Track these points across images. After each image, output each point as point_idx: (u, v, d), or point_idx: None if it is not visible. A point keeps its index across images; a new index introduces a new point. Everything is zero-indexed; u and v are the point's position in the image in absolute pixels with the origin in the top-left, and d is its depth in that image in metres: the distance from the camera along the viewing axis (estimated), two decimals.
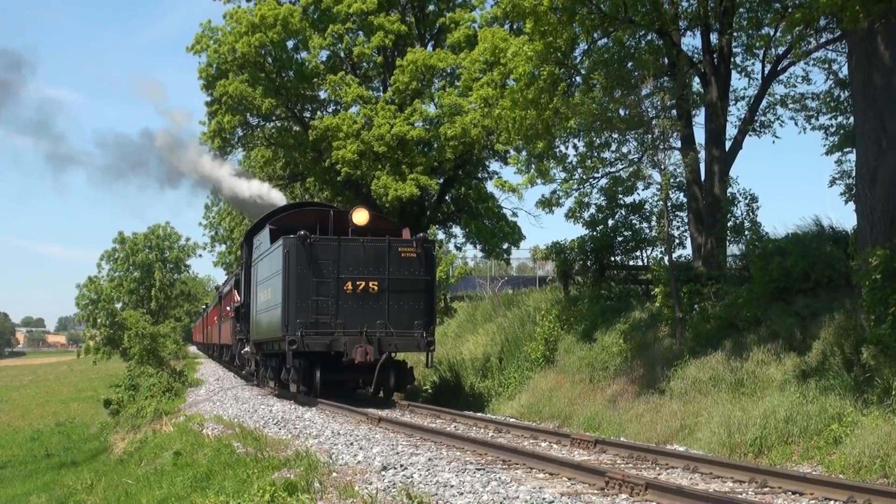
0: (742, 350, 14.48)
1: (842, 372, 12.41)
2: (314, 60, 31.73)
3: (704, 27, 18.56)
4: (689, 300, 16.77)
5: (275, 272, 20.04)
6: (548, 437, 13.85)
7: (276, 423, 16.47)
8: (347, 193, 32.96)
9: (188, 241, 79.60)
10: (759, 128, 20.50)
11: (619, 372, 17.34)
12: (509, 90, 19.26)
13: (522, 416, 18.08)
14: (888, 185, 12.86)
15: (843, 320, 13.20)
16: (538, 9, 16.50)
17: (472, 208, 34.08)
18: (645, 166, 18.60)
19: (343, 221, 20.36)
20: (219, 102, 32.18)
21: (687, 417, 13.96)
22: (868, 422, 11.01)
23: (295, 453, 11.61)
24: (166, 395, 27.05)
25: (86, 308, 77.52)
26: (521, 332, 22.59)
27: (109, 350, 70.44)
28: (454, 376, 23.42)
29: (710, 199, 18.61)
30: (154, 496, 13.64)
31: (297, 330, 18.83)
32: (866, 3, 11.47)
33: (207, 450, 14.66)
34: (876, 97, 13.02)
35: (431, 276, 20.05)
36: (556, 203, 21.17)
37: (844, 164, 19.63)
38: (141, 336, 35.59)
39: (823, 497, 8.91)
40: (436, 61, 29.89)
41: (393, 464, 10.68)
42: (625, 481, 9.03)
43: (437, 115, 30.35)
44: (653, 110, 17.43)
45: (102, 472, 21.65)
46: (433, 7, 33.11)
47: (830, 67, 19.52)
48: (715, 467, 10.51)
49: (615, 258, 21.22)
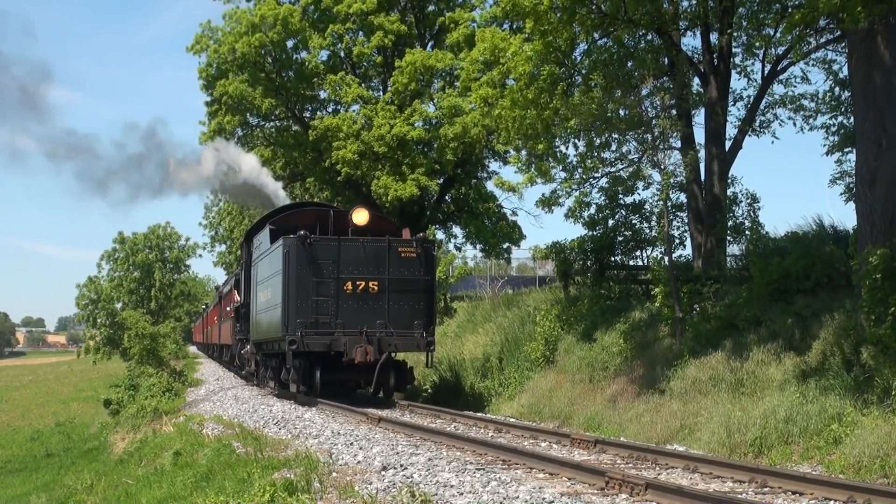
0: (742, 350, 14.47)
1: (842, 372, 12.40)
2: (314, 60, 31.75)
3: (704, 27, 18.55)
4: (689, 300, 16.76)
5: (275, 272, 20.04)
6: (548, 437, 13.85)
7: (276, 423, 16.47)
8: (347, 193, 32.97)
9: (188, 241, 79.75)
10: (759, 128, 20.49)
11: (619, 372, 17.34)
12: (509, 90, 19.27)
13: (522, 416, 18.08)
14: (888, 185, 12.86)
15: (843, 320, 13.20)
16: (538, 8, 16.51)
17: (472, 208, 34.09)
18: (645, 166, 18.62)
19: (343, 221, 20.36)
20: (219, 102, 32.22)
21: (687, 417, 13.96)
22: (868, 422, 11.01)
23: (295, 453, 11.61)
24: (166, 395, 27.06)
25: (86, 308, 77.52)
26: (521, 332, 22.58)
27: (109, 350, 70.42)
28: (454, 376, 23.42)
29: (710, 198, 18.61)
30: (154, 496, 13.63)
31: (297, 330, 18.83)
32: (867, 4, 11.47)
33: (207, 450, 14.65)
34: (876, 97, 13.02)
35: (431, 276, 20.05)
36: (555, 203, 21.16)
37: (844, 164, 19.63)
38: (141, 336, 35.62)
39: (823, 497, 8.91)
40: (435, 62, 29.90)
41: (393, 464, 10.68)
42: (625, 481, 9.03)
43: (437, 116, 30.36)
44: (653, 110, 17.43)
45: (102, 472, 21.63)
46: (433, 7, 33.13)
47: (830, 67, 19.51)
48: (715, 467, 10.51)
49: (615, 258, 21.22)
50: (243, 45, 30.53)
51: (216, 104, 32.59)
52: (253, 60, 30.94)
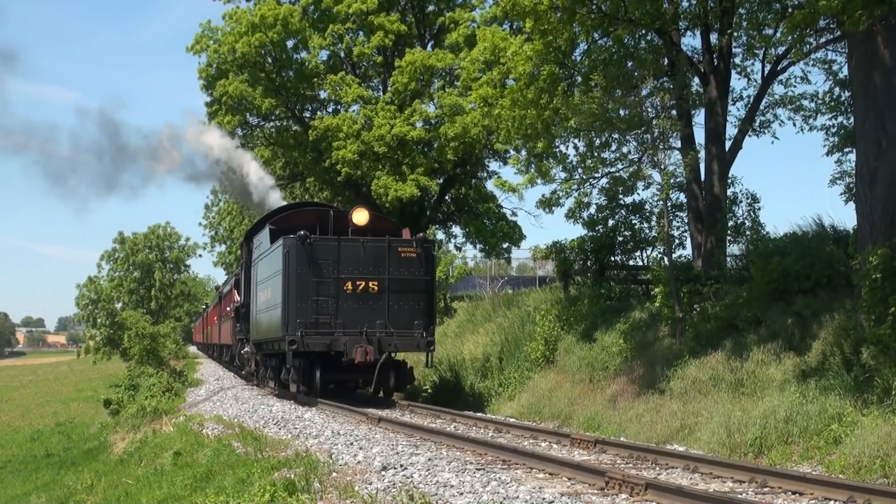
0: (742, 350, 14.47)
1: (842, 372, 12.40)
2: (314, 60, 31.75)
3: (704, 27, 18.56)
4: (689, 300, 16.76)
5: (275, 272, 20.04)
6: (548, 437, 13.85)
7: (276, 423, 16.47)
8: (347, 193, 32.96)
9: (188, 241, 79.77)
10: (759, 128, 20.50)
11: (619, 372, 17.34)
12: (509, 90, 19.28)
13: (522, 416, 18.08)
14: (888, 185, 12.86)
15: (843, 320, 13.20)
16: (538, 8, 16.51)
17: (472, 208, 34.08)
18: (645, 166, 18.60)
19: (343, 221, 20.36)
20: (219, 102, 32.20)
21: (687, 417, 13.96)
22: (868, 422, 11.01)
23: (295, 453, 11.61)
24: (166, 395, 27.07)
25: (86, 308, 77.51)
26: (521, 332, 22.59)
27: (109, 350, 70.42)
28: (454, 376, 23.42)
29: (710, 198, 18.61)
30: (154, 496, 13.65)
31: (297, 330, 18.83)
32: (867, 5, 11.47)
33: (207, 450, 14.66)
34: (876, 97, 13.02)
35: (431, 276, 20.05)
36: (556, 203, 21.17)
37: (844, 164, 19.63)
38: (141, 336, 35.63)
39: (823, 497, 8.91)
40: (435, 61, 29.90)
41: (393, 464, 10.68)
42: (625, 481, 9.03)
43: (437, 116, 30.36)
44: (653, 110, 17.42)
45: (102, 472, 21.65)
46: (433, 7, 33.12)
47: (830, 67, 19.51)
48: (715, 467, 10.51)
49: (615, 258, 21.22)
50: (243, 45, 30.52)
51: (216, 104, 32.57)
52: (253, 60, 30.92)
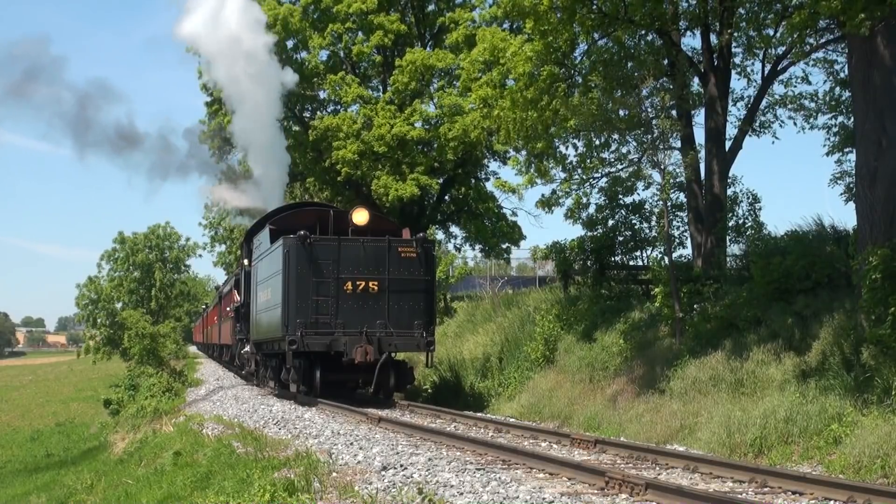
0: (742, 350, 14.47)
1: (842, 372, 12.40)
2: (314, 60, 31.74)
3: (704, 27, 18.55)
4: (689, 300, 16.76)
5: (275, 272, 20.04)
6: (548, 437, 13.85)
7: (276, 423, 16.47)
8: (347, 193, 32.97)
9: (188, 241, 79.77)
10: (759, 128, 20.50)
11: (619, 372, 17.34)
12: (509, 90, 19.25)
13: (522, 416, 18.07)
14: (888, 185, 12.86)
15: (843, 320, 13.20)
16: (538, 8, 16.49)
17: (471, 208, 34.07)
18: (645, 166, 18.60)
19: (343, 221, 20.36)
20: (219, 102, 32.20)
21: (687, 417, 13.95)
22: (868, 422, 11.01)
23: (295, 453, 11.61)
24: (166, 395, 27.07)
25: (86, 308, 77.52)
26: (521, 332, 22.58)
27: (109, 350, 70.44)
28: (454, 376, 23.42)
29: (711, 198, 18.60)
30: (154, 496, 13.66)
31: (297, 330, 18.82)
32: (868, 6, 11.47)
33: (207, 450, 14.67)
34: (876, 97, 13.03)
35: (431, 276, 20.06)
36: (555, 203, 21.15)
37: (844, 164, 19.65)
38: (141, 336, 35.60)
39: (823, 497, 8.91)
40: (435, 61, 29.89)
41: (393, 464, 10.68)
42: (625, 481, 9.03)
43: (437, 116, 30.36)
44: (653, 110, 17.42)
45: (102, 472, 21.65)
46: (433, 7, 33.12)
47: (831, 67, 19.51)
48: (715, 467, 10.51)
49: (615, 258, 21.21)
50: None
51: (216, 104, 32.57)
52: None
